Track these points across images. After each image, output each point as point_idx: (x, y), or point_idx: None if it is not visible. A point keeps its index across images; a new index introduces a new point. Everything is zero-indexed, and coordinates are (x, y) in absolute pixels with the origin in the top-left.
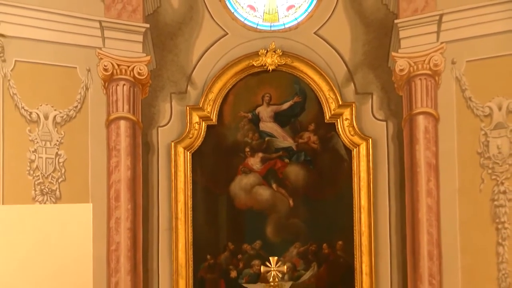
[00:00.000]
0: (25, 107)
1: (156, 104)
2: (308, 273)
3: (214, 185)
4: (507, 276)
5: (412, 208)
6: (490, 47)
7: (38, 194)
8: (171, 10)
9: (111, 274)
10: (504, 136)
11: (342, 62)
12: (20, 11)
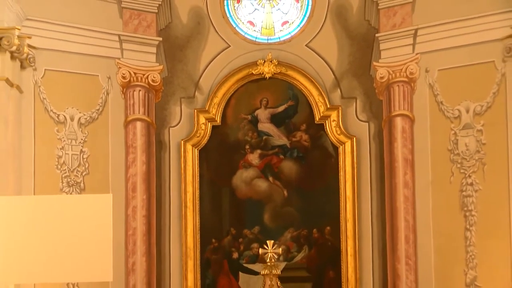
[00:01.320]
0: (53, 110)
1: (167, 107)
2: (300, 255)
3: (218, 178)
4: (474, 257)
5: (391, 198)
6: (459, 58)
7: (65, 185)
8: (180, 26)
9: (128, 256)
10: (471, 135)
11: (330, 71)
12: (49, 26)
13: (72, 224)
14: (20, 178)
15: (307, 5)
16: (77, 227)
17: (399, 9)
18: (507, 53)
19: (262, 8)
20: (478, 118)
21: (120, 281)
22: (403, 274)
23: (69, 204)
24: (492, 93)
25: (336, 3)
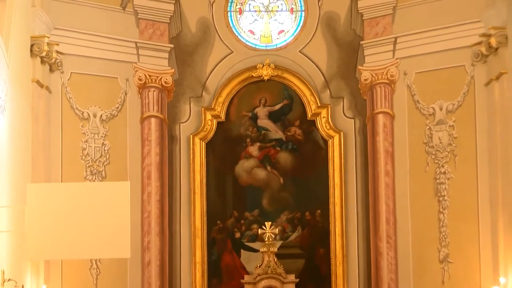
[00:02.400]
0: (78, 108)
1: (178, 105)
2: (294, 235)
3: (223, 167)
4: (446, 237)
5: (374, 185)
6: (433, 62)
7: (89, 174)
8: (189, 34)
9: (144, 235)
10: (444, 130)
11: (320, 74)
12: (74, 34)
13: (94, 208)
14: (50, 168)
15: (301, 16)
16: (98, 211)
17: (381, 20)
18: (476, 58)
19: (261, 19)
20: (450, 115)
21: (137, 257)
22: (384, 251)
23: (92, 190)
24: (463, 93)
25: (326, 15)
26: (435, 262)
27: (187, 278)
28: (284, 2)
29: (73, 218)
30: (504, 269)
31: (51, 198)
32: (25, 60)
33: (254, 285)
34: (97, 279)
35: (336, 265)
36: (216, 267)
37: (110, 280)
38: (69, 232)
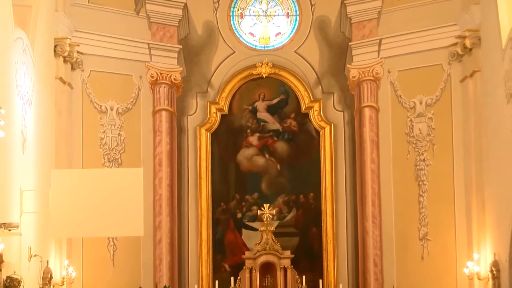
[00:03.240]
0: (97, 102)
1: (186, 100)
2: (290, 215)
3: (226, 155)
4: (425, 217)
5: (361, 171)
6: (414, 61)
7: (106, 161)
8: (196, 36)
9: (156, 216)
10: (423, 122)
11: (313, 72)
12: (93, 36)
13: (111, 191)
14: (71, 155)
15: (296, 20)
16: (115, 194)
17: (367, 23)
18: (452, 57)
19: (260, 23)
20: (429, 108)
21: (149, 235)
22: (370, 230)
23: (109, 175)
24: (440, 89)
25: (318, 19)
26: (415, 240)
27: (194, 254)
28: (280, 7)
29: (92, 200)
30: (477, 246)
31: (73, 182)
32: (49, 59)
33: (254, 260)
34: (113, 255)
35: (327, 242)
36: (220, 244)
37: (126, 256)
38: (88, 213)
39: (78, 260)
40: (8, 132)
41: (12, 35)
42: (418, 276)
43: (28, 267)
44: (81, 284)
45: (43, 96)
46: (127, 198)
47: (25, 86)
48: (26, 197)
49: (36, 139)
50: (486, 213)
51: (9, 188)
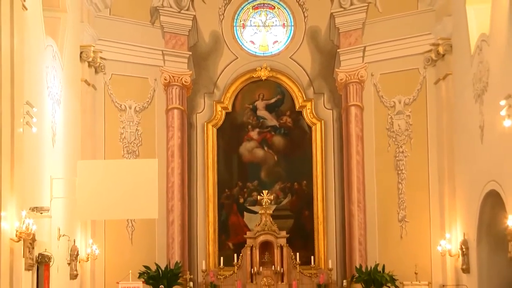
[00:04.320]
0: (117, 101)
1: (195, 99)
2: (285, 200)
3: (230, 148)
4: (404, 202)
5: (347, 161)
6: (394, 66)
7: (125, 153)
8: (204, 44)
9: (169, 200)
10: (402, 119)
11: (306, 75)
12: (114, 44)
13: (130, 179)
14: (95, 148)
15: (291, 30)
16: (133, 181)
17: (353, 33)
18: (427, 62)
19: (260, 32)
20: (407, 107)
21: (163, 218)
22: (356, 213)
23: (128, 165)
24: (417, 90)
25: (310, 29)
26: (395, 222)
27: (202, 234)
28: (277, 19)
29: (113, 187)
30: (449, 226)
31: (96, 171)
32: (76, 64)
33: (254, 239)
34: (132, 234)
35: (318, 223)
36: (225, 226)
37: (142, 236)
38: (110, 198)
39: (101, 239)
40: (39, 128)
41: (43, 43)
42: (397, 253)
43: (58, 245)
44: (104, 260)
45: (70, 96)
46: (144, 185)
47: (55, 87)
48: (56, 184)
49: (64, 133)
50: (457, 198)
51: (41, 177)
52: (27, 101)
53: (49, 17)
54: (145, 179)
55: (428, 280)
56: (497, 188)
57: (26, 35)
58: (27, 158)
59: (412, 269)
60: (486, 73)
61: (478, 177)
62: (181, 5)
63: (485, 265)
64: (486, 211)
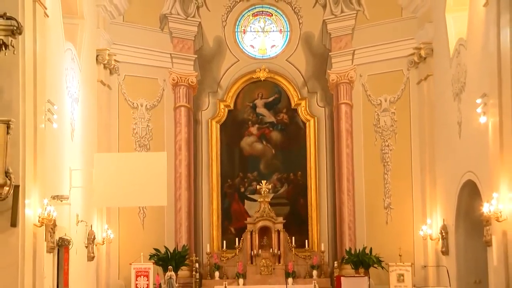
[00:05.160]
0: (130, 100)
1: (200, 98)
2: (282, 189)
3: (232, 142)
4: (389, 190)
5: (338, 154)
6: (380, 68)
7: (137, 146)
8: (208, 48)
9: (177, 189)
10: (388, 115)
11: (301, 76)
12: (127, 48)
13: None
14: (110, 142)
15: (287, 35)
16: (144, 172)
17: (343, 38)
18: (410, 64)
19: (259, 37)
20: (392, 105)
21: (171, 205)
22: (346, 201)
23: (140, 158)
24: (401, 90)
25: (304, 34)
26: (381, 208)
27: (206, 220)
28: (275, 25)
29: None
30: (429, 213)
31: (111, 163)
32: (92, 66)
33: (254, 224)
34: (143, 220)
35: (311, 210)
36: (227, 212)
37: (153, 222)
38: (123, 188)
39: (115, 225)
40: (60, 124)
41: (63, 47)
42: (383, 237)
43: (76, 230)
44: (118, 244)
45: (87, 95)
46: (154, 175)
47: (73, 87)
48: (74, 175)
49: (82, 129)
50: (437, 187)
51: (61, 168)
52: (48, 99)
53: (68, 23)
54: (155, 170)
55: (411, 261)
56: (474, 178)
57: (48, 40)
58: (49, 151)
59: (397, 252)
60: (464, 74)
61: (456, 168)
62: (187, 13)
63: (462, 248)
64: (463, 199)
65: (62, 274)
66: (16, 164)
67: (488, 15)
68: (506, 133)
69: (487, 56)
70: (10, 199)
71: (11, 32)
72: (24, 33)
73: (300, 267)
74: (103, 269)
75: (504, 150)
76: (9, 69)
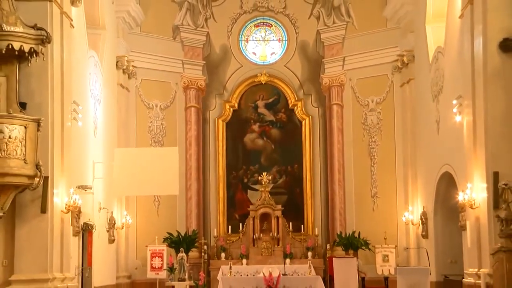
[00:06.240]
0: (146, 101)
1: (208, 99)
2: (280, 180)
3: (236, 138)
4: (375, 181)
5: (330, 149)
6: (368, 72)
7: (152, 142)
8: (215, 55)
9: (187, 180)
10: (374, 115)
11: (297, 79)
12: (144, 55)
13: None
14: (128, 139)
15: (285, 43)
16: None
17: (335, 46)
18: (394, 69)
19: (260, 45)
20: (378, 105)
21: (183, 194)
22: (337, 190)
23: (155, 152)
24: (386, 92)
25: (300, 43)
26: (368, 197)
27: (214, 207)
28: (274, 35)
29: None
30: (411, 201)
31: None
32: (113, 71)
33: (255, 211)
34: (158, 207)
35: (306, 199)
36: (232, 201)
37: (166, 209)
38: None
39: (133, 211)
40: (84, 122)
41: (87, 54)
42: (370, 222)
43: (98, 216)
44: (135, 228)
45: (108, 96)
46: (167, 168)
47: (96, 89)
48: (97, 167)
49: (103, 126)
50: (418, 178)
51: (85, 161)
52: (74, 100)
53: (92, 33)
54: (168, 163)
55: (395, 243)
56: (450, 170)
57: (73, 48)
58: (74, 147)
59: (382, 235)
60: (441, 78)
61: (435, 161)
62: (197, 24)
63: (440, 232)
64: (441, 189)
65: (86, 255)
66: (45, 157)
67: (463, 26)
68: (479, 130)
69: (462, 62)
70: (40, 189)
71: (41, 41)
72: (52, 42)
73: (297, 249)
74: (122, 251)
75: (477, 145)
76: (40, 74)
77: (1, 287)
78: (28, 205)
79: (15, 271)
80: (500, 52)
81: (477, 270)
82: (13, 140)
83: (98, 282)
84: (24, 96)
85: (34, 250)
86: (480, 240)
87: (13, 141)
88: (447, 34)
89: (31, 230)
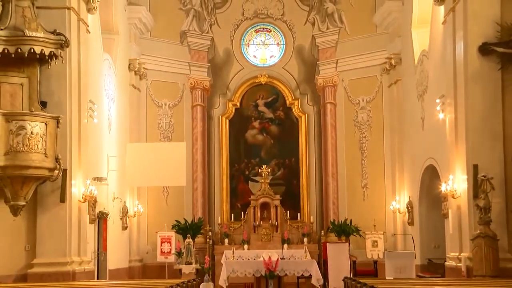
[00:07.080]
0: (156, 100)
1: (213, 98)
2: (279, 172)
3: (238, 134)
4: (366, 173)
5: (325, 145)
6: (358, 74)
7: (162, 137)
8: (219, 58)
9: (194, 172)
10: (364, 112)
11: (294, 80)
12: (154, 58)
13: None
14: (139, 134)
15: (283, 47)
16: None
17: (329, 49)
18: (383, 71)
19: (260, 49)
20: (368, 104)
21: (189, 185)
22: (330, 182)
23: (164, 147)
24: (375, 91)
25: (297, 46)
26: (359, 188)
27: (218, 197)
28: (273, 39)
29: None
30: (398, 191)
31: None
32: (125, 73)
33: (256, 201)
34: (167, 197)
35: (303, 189)
36: (235, 191)
37: (174, 198)
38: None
39: (144, 201)
40: (99, 119)
41: (102, 57)
42: (361, 211)
43: (113, 205)
44: (146, 216)
45: (121, 96)
46: (175, 161)
47: (110, 89)
48: (111, 160)
49: (117, 123)
50: (404, 171)
51: (100, 155)
52: (90, 99)
53: (106, 38)
54: (176, 157)
55: (383, 230)
56: (433, 163)
57: (89, 51)
58: (90, 142)
59: (372, 222)
60: (426, 79)
61: (420, 155)
62: (202, 29)
63: (424, 219)
64: (426, 180)
65: (101, 241)
66: (64, 152)
67: (446, 31)
68: (460, 127)
69: (445, 64)
70: (59, 180)
71: (60, 45)
72: (70, 46)
73: (294, 235)
74: (134, 237)
75: (458, 140)
76: (59, 76)
77: (24, 269)
78: (49, 195)
79: (37, 255)
80: (479, 55)
81: (458, 254)
82: (34, 136)
83: (112, 265)
84: (44, 96)
85: (54, 236)
86: (461, 227)
87: (35, 137)
88: (431, 38)
89: (51, 218)
